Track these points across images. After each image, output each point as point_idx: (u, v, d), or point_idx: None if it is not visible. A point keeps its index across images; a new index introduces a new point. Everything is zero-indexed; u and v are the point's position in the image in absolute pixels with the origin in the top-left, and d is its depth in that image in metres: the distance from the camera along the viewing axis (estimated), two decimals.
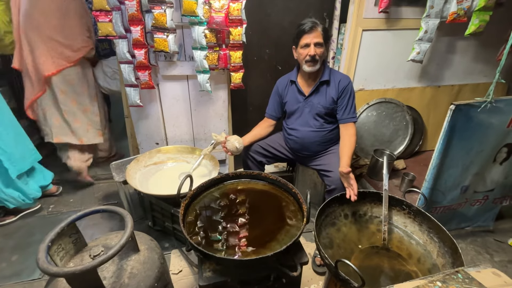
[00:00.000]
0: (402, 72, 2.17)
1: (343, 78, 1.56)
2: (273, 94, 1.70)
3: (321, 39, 1.44)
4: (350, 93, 1.55)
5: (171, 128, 1.96)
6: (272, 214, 1.11)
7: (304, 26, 1.44)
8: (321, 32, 1.44)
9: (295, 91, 1.61)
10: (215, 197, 1.18)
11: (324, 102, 1.55)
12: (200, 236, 0.98)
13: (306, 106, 1.60)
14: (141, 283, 0.81)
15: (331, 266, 0.94)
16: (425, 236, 1.18)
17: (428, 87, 2.25)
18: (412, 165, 2.24)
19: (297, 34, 1.47)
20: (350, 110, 1.55)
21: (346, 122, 1.55)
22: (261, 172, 1.27)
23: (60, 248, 0.81)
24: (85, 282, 0.70)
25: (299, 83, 1.61)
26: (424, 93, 2.24)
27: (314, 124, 1.60)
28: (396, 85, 2.19)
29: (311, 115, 1.59)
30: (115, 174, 1.67)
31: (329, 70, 1.57)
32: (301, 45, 1.47)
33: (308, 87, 1.59)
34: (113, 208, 0.86)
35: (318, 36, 1.43)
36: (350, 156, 1.45)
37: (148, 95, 1.81)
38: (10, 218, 1.77)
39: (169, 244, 1.63)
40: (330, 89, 1.55)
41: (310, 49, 1.44)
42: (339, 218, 1.29)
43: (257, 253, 0.92)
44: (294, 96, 1.62)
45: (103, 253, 0.81)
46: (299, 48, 1.49)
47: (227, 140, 1.54)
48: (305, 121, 1.61)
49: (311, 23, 1.43)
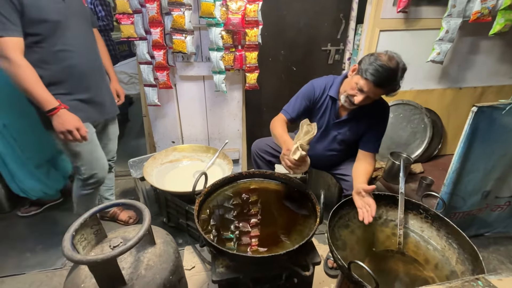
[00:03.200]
0: (421, 73, 2.11)
1: (383, 109, 1.37)
2: (303, 95, 1.41)
3: (379, 95, 1.24)
4: (384, 127, 1.39)
5: (187, 127, 2.01)
6: (284, 214, 1.12)
7: (376, 73, 1.12)
8: (384, 92, 1.21)
9: (329, 109, 1.40)
10: (228, 196, 1.20)
11: (356, 130, 1.39)
12: (213, 234, 1.00)
13: (335, 129, 1.43)
14: (156, 275, 0.84)
15: (344, 268, 0.93)
16: (443, 242, 1.14)
17: (449, 89, 2.17)
18: (430, 169, 2.17)
19: (366, 69, 1.15)
20: (376, 142, 1.39)
21: (368, 151, 1.39)
22: (274, 172, 1.28)
23: (83, 238, 0.85)
24: (105, 271, 0.74)
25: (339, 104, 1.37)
26: (444, 95, 2.17)
27: (336, 148, 1.46)
28: (414, 87, 2.14)
29: (337, 140, 1.44)
30: (133, 171, 1.73)
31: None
32: (358, 83, 1.19)
33: (344, 110, 1.38)
34: (132, 202, 0.90)
35: (378, 93, 1.21)
36: (367, 180, 1.28)
37: (165, 95, 1.87)
38: (35, 210, 1.87)
39: (183, 241, 1.67)
40: (365, 117, 1.36)
41: (358, 97, 1.20)
42: (352, 220, 1.27)
43: (269, 251, 0.93)
44: (327, 113, 1.41)
45: (122, 244, 0.85)
46: (353, 80, 1.22)
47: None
48: (327, 144, 1.47)
49: (386, 79, 1.14)
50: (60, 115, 1.15)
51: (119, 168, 2.43)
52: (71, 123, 1.18)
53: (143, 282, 0.81)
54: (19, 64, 1.06)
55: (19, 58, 1.06)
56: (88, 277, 0.80)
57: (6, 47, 1.04)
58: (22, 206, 1.88)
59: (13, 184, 1.73)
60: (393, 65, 1.14)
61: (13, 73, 1.07)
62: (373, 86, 1.16)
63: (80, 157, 1.33)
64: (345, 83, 1.31)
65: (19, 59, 1.06)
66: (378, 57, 1.15)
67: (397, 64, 1.15)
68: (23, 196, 1.78)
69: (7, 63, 1.05)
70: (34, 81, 1.09)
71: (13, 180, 1.71)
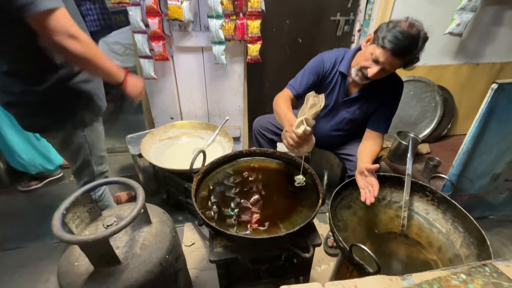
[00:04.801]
0: (436, 47, 1.96)
1: (396, 86, 1.26)
2: (311, 69, 1.29)
3: (396, 68, 1.12)
4: (395, 105, 1.29)
5: (186, 103, 1.93)
6: (285, 194, 1.08)
7: (395, 41, 1.01)
8: (401, 64, 1.09)
9: (338, 86, 1.29)
10: (228, 174, 1.15)
11: (367, 109, 1.29)
12: (213, 211, 0.97)
13: (343, 107, 1.33)
14: (152, 254, 0.82)
15: (345, 250, 0.91)
16: (449, 225, 1.10)
17: (465, 64, 2.03)
18: (438, 150, 2.10)
19: (384, 37, 1.03)
20: (386, 122, 1.30)
21: (377, 131, 1.30)
22: (275, 151, 1.23)
23: (76, 216, 0.82)
24: (98, 250, 0.71)
25: (349, 80, 1.27)
26: (460, 71, 2.03)
27: (343, 128, 1.38)
28: (427, 62, 2.00)
29: (345, 119, 1.35)
30: (131, 147, 1.69)
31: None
32: (373, 53, 1.07)
33: (354, 87, 1.29)
34: (125, 180, 0.85)
35: (395, 65, 1.09)
36: (372, 161, 1.19)
37: (162, 67, 1.76)
38: (36, 184, 1.86)
39: (183, 217, 1.67)
40: (377, 95, 1.26)
41: (373, 69, 1.09)
42: (355, 201, 1.24)
43: (269, 232, 0.90)
44: (336, 90, 1.30)
45: (116, 223, 0.82)
46: (367, 51, 1.10)
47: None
48: (334, 124, 1.38)
49: (406, 48, 1.02)
50: (130, 81, 1.06)
51: (118, 144, 2.40)
52: (140, 83, 1.12)
53: (138, 261, 0.79)
54: (86, 41, 0.84)
55: (82, 33, 0.83)
56: (82, 255, 0.78)
57: (68, 20, 0.80)
58: (22, 180, 1.87)
59: (12, 159, 1.70)
60: (414, 33, 1.02)
61: (84, 52, 0.84)
62: (390, 55, 1.04)
63: (98, 149, 1.23)
64: (358, 56, 1.20)
65: (82, 34, 0.83)
66: (397, 24, 1.03)
67: (418, 32, 1.03)
68: (22, 171, 1.76)
69: (75, 42, 0.81)
70: (103, 56, 0.93)
71: (11, 154, 1.68)
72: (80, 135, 1.14)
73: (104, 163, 1.30)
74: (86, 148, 1.18)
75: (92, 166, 1.24)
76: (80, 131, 1.13)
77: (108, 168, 1.34)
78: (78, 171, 1.22)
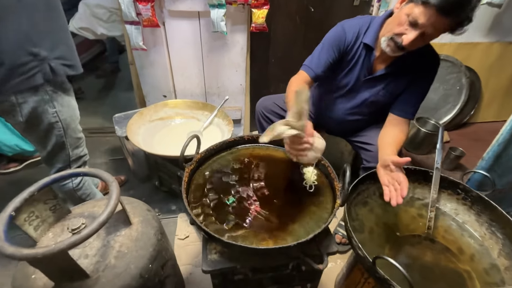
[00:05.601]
0: None
1: (431, 64, 1.04)
2: (331, 43, 1.08)
3: (440, 33, 0.87)
4: (427, 87, 1.08)
5: (180, 78, 1.70)
6: (294, 190, 0.90)
7: None
8: (450, 26, 0.85)
9: (361, 62, 1.08)
10: (226, 164, 0.98)
11: (393, 90, 1.10)
12: (206, 210, 0.80)
13: (365, 88, 1.13)
14: (131, 264, 0.66)
15: (365, 260, 0.76)
16: (483, 229, 0.95)
17: (497, 42, 1.79)
18: (458, 138, 1.92)
19: None
20: (415, 105, 1.10)
21: (403, 117, 1.10)
22: None
23: (33, 216, 0.65)
24: (54, 264, 0.55)
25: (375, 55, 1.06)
26: (490, 50, 1.80)
27: (363, 112, 1.19)
28: (455, 39, 1.74)
29: (366, 101, 1.16)
30: (118, 128, 1.50)
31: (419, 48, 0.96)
32: (410, 14, 0.85)
33: (380, 63, 1.08)
34: (96, 172, 0.67)
35: (440, 29, 0.85)
36: (396, 151, 1.01)
37: (152, 36, 1.52)
38: (15, 166, 1.70)
39: (176, 207, 1.52)
40: (407, 74, 1.06)
41: (409, 35, 0.87)
42: (372, 197, 1.08)
43: (275, 237, 0.74)
44: (359, 67, 1.10)
45: (84, 226, 0.65)
46: (402, 12, 0.89)
47: (315, 136, 0.84)
48: (352, 107, 1.18)
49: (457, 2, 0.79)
50: None
51: (107, 123, 2.21)
52: None
53: (112, 273, 0.63)
54: None
55: None
56: None
57: None
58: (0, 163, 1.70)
59: None
60: None
61: None
62: (435, 14, 0.80)
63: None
64: (389, 22, 0.98)
65: None
66: None
67: None
68: None
69: None
70: None
71: None
72: (50, 112, 0.95)
73: (81, 146, 1.12)
74: (59, 128, 1.00)
75: (67, 150, 1.06)
76: (50, 107, 0.94)
77: (86, 151, 1.16)
78: (50, 156, 1.04)
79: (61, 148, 1.04)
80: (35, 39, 0.84)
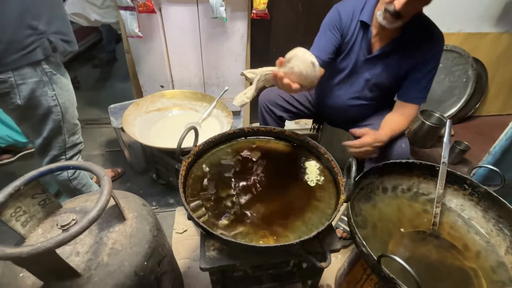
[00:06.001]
0: (476, 10, 1.65)
1: (435, 41, 0.99)
2: (328, 26, 1.07)
3: None
4: (434, 66, 1.02)
5: (177, 67, 1.65)
6: (296, 184, 0.87)
7: None
8: None
9: (359, 42, 1.05)
10: (225, 157, 0.94)
11: (395, 71, 1.05)
12: (205, 205, 0.77)
13: (365, 69, 1.09)
14: (125, 262, 0.63)
15: (370, 258, 0.73)
16: (490, 225, 0.92)
17: (506, 33, 1.73)
18: (461, 132, 1.88)
19: None
20: (423, 88, 1.05)
21: (410, 102, 1.07)
22: (284, 130, 1.00)
23: (21, 212, 0.62)
24: (42, 264, 0.51)
25: (373, 32, 1.03)
26: (499, 41, 1.74)
27: (366, 96, 1.14)
28: (463, 29, 1.70)
29: (368, 84, 1.11)
30: (113, 119, 1.46)
31: (418, 23, 0.98)
32: None
33: (379, 41, 1.04)
34: (87, 165, 0.63)
35: None
36: (393, 133, 1.03)
37: (148, 23, 1.46)
38: (8, 158, 1.66)
39: (174, 201, 1.49)
40: (409, 53, 1.02)
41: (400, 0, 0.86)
42: (376, 191, 1.05)
43: (276, 234, 0.71)
44: (358, 47, 1.06)
45: (74, 222, 0.62)
46: None
47: (287, 60, 0.75)
48: (355, 90, 1.14)
49: None
50: None
51: (104, 114, 2.15)
52: None
53: (105, 271, 0.60)
54: None
55: None
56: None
57: None
58: None
59: None
60: None
61: None
62: None
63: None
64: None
65: None
66: None
67: None
68: None
69: None
70: None
71: None
72: (49, 94, 0.92)
73: (77, 133, 1.09)
74: (57, 112, 0.97)
75: (64, 135, 1.03)
76: (49, 89, 0.91)
77: (82, 139, 1.12)
78: (46, 143, 1.01)
79: (57, 134, 1.01)
80: (34, 11, 0.81)
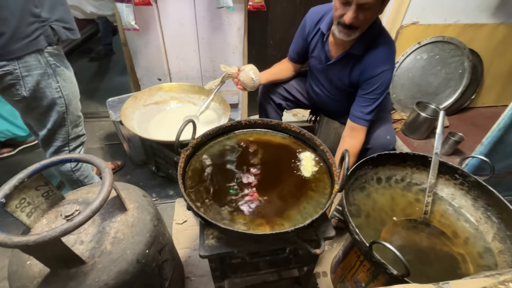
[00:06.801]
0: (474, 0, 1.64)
1: (380, 60, 1.01)
2: (299, 31, 1.20)
3: (372, 5, 0.87)
4: (378, 86, 1.03)
5: (175, 60, 1.64)
6: (292, 175, 0.89)
7: None
8: None
9: (320, 47, 1.13)
10: (223, 150, 0.96)
11: (346, 79, 1.12)
12: (203, 196, 0.80)
13: (329, 71, 1.17)
14: (127, 250, 0.66)
15: (362, 245, 0.76)
16: (479, 213, 0.96)
17: (503, 24, 1.73)
18: (456, 123, 1.90)
19: None
20: (367, 107, 1.07)
21: (355, 122, 1.10)
22: (281, 122, 1.02)
23: (25, 203, 0.64)
24: (48, 252, 0.54)
25: (330, 41, 1.09)
26: (496, 32, 1.74)
27: (336, 94, 1.23)
28: (460, 20, 1.70)
29: (333, 85, 1.21)
30: (112, 112, 1.47)
31: (370, 39, 1.01)
32: None
33: (336, 50, 1.10)
34: (88, 158, 0.65)
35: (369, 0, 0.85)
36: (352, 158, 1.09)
37: (145, 15, 1.45)
38: (8, 152, 1.68)
39: (174, 192, 1.51)
40: (358, 67, 1.06)
41: (348, 13, 0.89)
42: (370, 182, 1.08)
43: (272, 223, 0.73)
44: (318, 52, 1.15)
45: (78, 212, 0.64)
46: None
47: (240, 70, 1.20)
48: (327, 89, 1.24)
49: None
50: None
51: (102, 108, 2.16)
52: None
53: (108, 259, 0.63)
54: None
55: None
56: None
57: None
58: None
59: None
60: None
61: None
62: None
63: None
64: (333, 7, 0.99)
65: None
66: None
67: None
68: None
69: None
70: None
71: None
72: (53, 86, 0.94)
73: (80, 125, 1.11)
74: (61, 104, 0.99)
75: (67, 127, 1.05)
76: (53, 81, 0.93)
77: (84, 132, 1.15)
78: (50, 134, 1.03)
79: (61, 125, 1.03)
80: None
